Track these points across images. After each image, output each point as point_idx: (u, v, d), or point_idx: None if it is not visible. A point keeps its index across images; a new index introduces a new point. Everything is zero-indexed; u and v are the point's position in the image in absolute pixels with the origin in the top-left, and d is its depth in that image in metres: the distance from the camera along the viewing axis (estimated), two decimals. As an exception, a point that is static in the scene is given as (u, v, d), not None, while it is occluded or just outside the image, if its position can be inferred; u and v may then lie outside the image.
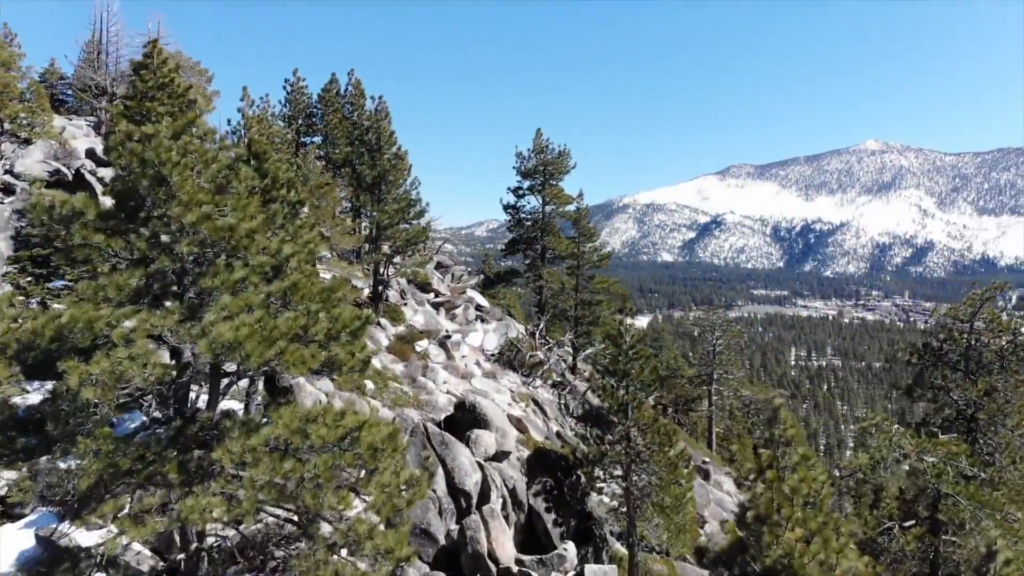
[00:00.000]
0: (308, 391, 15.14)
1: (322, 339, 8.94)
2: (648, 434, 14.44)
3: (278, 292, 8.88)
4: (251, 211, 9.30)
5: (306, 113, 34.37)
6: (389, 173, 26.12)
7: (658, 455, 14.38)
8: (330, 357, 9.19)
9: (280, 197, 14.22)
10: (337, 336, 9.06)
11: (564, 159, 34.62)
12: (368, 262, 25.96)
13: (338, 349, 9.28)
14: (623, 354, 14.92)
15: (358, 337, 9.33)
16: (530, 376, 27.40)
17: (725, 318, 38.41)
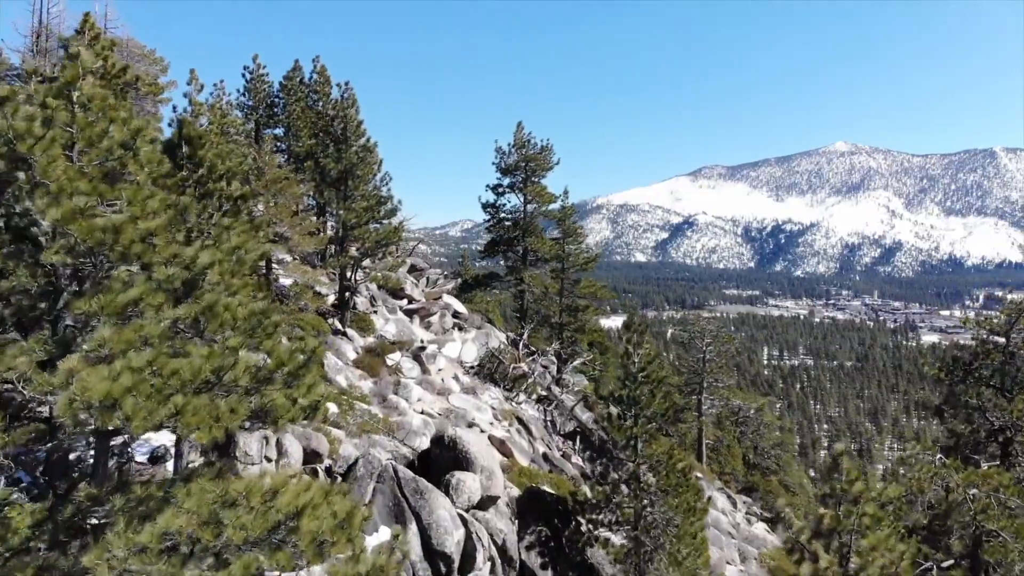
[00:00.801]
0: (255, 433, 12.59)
1: (248, 384, 6.44)
2: (662, 473, 12.18)
3: (187, 318, 6.35)
4: (153, 206, 6.75)
5: (267, 103, 31.51)
6: (357, 167, 23.52)
7: (673, 499, 12.13)
8: (262, 406, 6.69)
9: (217, 191, 11.63)
10: (270, 378, 6.56)
11: (547, 154, 32.28)
12: (333, 266, 23.35)
13: (274, 394, 6.78)
14: (631, 378, 12.63)
15: (301, 378, 6.84)
16: (513, 390, 25.02)
17: (716, 324, 36.35)
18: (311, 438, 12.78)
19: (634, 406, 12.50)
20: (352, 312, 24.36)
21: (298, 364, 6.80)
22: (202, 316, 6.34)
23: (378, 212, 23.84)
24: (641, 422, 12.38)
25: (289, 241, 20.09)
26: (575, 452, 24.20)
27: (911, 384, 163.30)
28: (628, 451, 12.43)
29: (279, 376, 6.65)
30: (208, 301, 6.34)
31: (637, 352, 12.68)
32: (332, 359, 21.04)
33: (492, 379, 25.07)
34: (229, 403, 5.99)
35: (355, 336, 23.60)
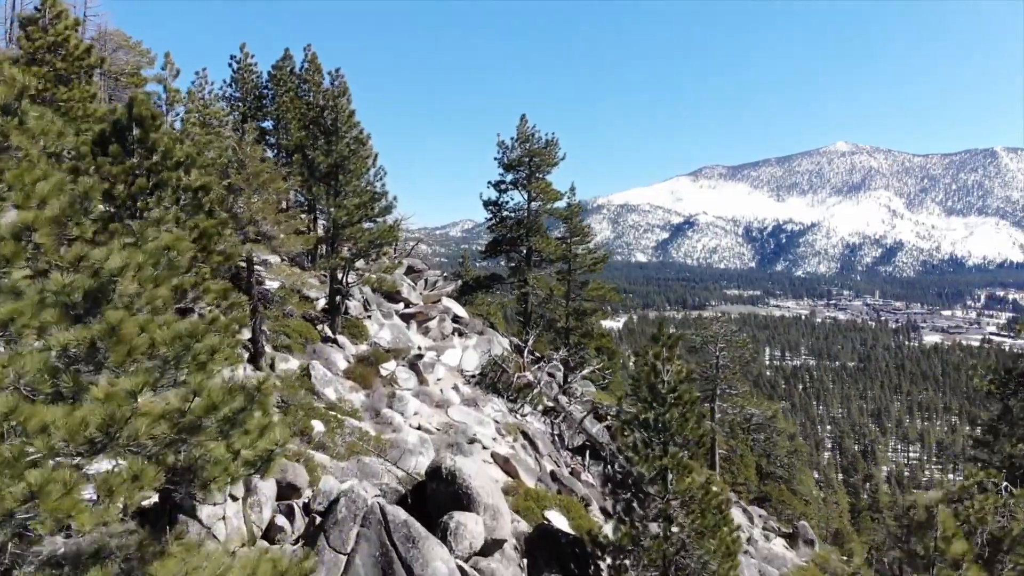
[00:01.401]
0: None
1: (168, 435, 4.62)
2: (696, 511, 10.39)
3: (79, 345, 4.53)
4: (43, 191, 4.92)
5: (255, 94, 29.73)
6: (348, 160, 21.70)
7: (710, 540, 10.34)
8: (190, 463, 4.88)
9: (172, 180, 9.82)
10: (198, 426, 4.74)
11: (552, 149, 30.48)
12: (323, 268, 21.54)
13: (208, 443, 4.97)
14: (659, 399, 10.83)
15: (241, 424, 5.02)
16: (517, 401, 23.19)
17: (730, 328, 34.55)
18: (287, 469, 10.98)
19: (663, 432, 10.71)
20: (344, 317, 22.56)
21: (238, 406, 5.00)
22: (102, 341, 4.55)
23: (371, 209, 22.03)
24: (672, 451, 10.59)
25: (273, 241, 18.26)
26: (584, 468, 22.39)
27: (914, 385, 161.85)
28: (657, 485, 10.65)
29: (212, 423, 4.84)
30: (111, 320, 4.53)
31: (667, 369, 10.90)
32: (320, 369, 19.23)
33: (495, 389, 23.25)
34: (132, 469, 4.21)
35: (346, 344, 21.79)
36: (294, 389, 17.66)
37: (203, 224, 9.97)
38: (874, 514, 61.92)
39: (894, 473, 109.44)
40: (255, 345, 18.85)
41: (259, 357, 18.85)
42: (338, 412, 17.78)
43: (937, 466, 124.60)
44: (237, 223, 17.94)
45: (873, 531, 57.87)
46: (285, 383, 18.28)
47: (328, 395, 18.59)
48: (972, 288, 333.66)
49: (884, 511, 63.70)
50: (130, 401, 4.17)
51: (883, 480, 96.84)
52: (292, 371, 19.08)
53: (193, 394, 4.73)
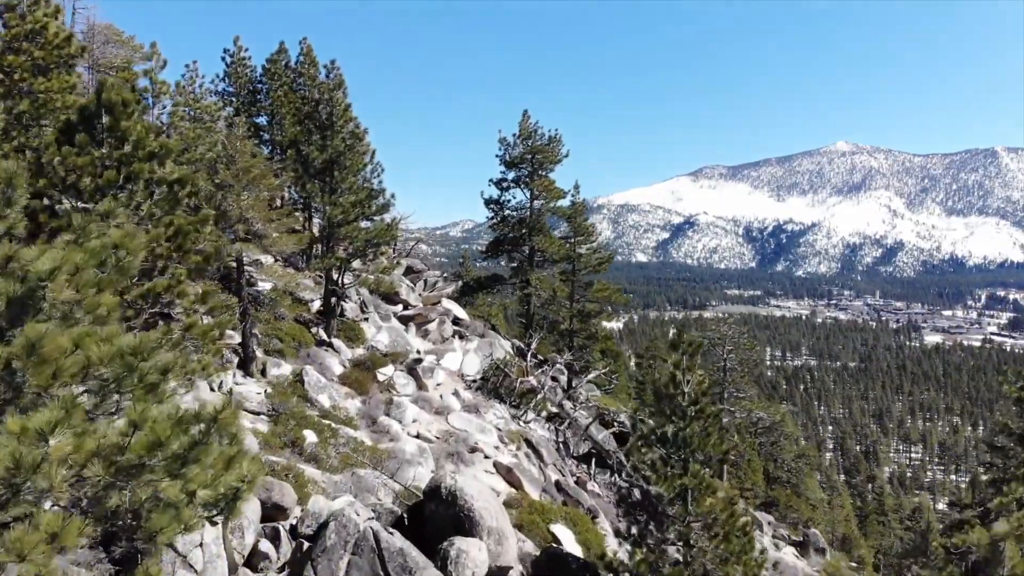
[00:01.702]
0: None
1: (103, 476, 3.71)
2: (720, 535, 9.49)
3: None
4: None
5: (249, 89, 28.80)
6: (344, 156, 20.79)
7: (735, 567, 9.44)
8: (135, 507, 3.96)
9: (144, 172, 8.91)
10: (139, 468, 3.83)
11: (555, 146, 29.57)
12: (318, 268, 20.63)
13: (161, 484, 4.06)
14: (679, 412, 9.92)
15: (195, 462, 4.10)
16: (520, 407, 22.27)
17: (738, 330, 33.65)
18: (272, 488, 10.07)
19: (684, 448, 9.80)
20: (339, 320, 21.64)
21: (190, 440, 4.08)
22: (19, 361, 3.63)
23: (368, 207, 21.13)
24: (693, 469, 9.68)
25: (264, 240, 17.35)
26: (590, 477, 21.48)
27: (915, 385, 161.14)
28: (677, 506, 9.74)
29: (159, 462, 3.93)
30: (31, 336, 3.62)
31: (687, 379, 9.99)
32: (314, 375, 18.32)
33: (497, 395, 22.34)
34: (48, 526, 3.31)
35: (342, 347, 20.87)
36: (286, 396, 16.76)
37: (179, 221, 9.05)
38: (880, 517, 61.06)
39: (896, 474, 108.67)
40: (245, 350, 17.95)
41: (249, 362, 17.96)
42: (332, 420, 16.88)
43: (939, 467, 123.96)
44: (226, 221, 17.05)
45: (880, 535, 56.97)
46: (276, 390, 17.37)
47: (322, 402, 17.69)
48: (973, 288, 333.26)
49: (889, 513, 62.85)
50: (38, 443, 3.27)
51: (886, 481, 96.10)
52: (284, 377, 18.19)
53: (133, 427, 3.82)
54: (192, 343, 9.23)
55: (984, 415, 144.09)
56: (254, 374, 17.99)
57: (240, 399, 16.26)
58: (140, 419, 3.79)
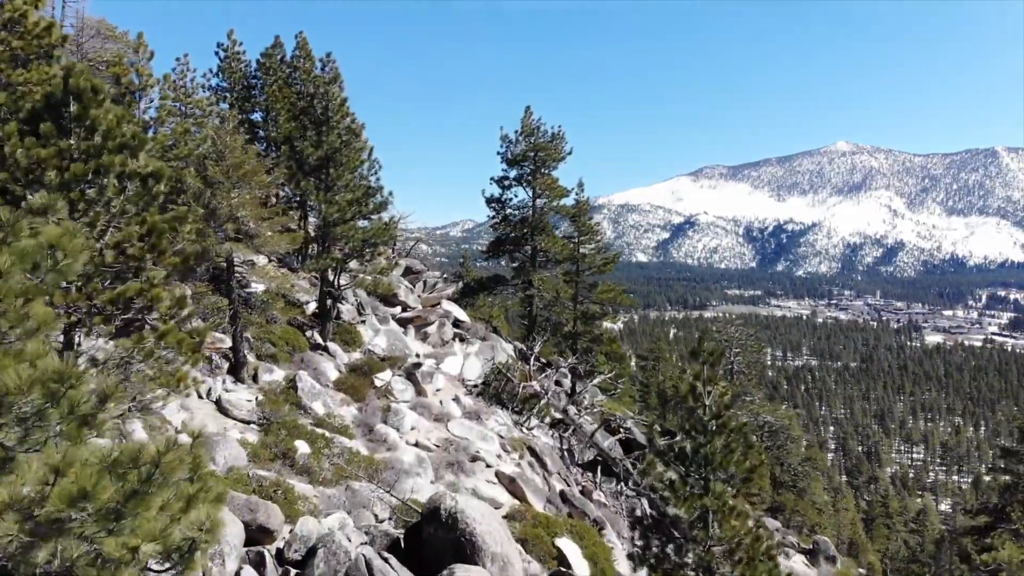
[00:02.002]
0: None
1: (17, 536, 2.90)
2: (744, 560, 8.69)
3: None
4: None
5: (243, 84, 27.97)
6: (340, 152, 19.98)
7: (762, 595, 8.63)
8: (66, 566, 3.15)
9: (114, 165, 8.09)
10: (60, 522, 3.02)
11: (558, 143, 28.75)
12: (313, 269, 19.82)
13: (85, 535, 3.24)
14: (699, 427, 9.11)
15: (134, 515, 3.28)
16: (523, 413, 21.46)
17: (745, 332, 32.85)
18: (257, 509, 9.26)
19: (705, 466, 9.00)
20: (335, 323, 20.83)
21: (127, 490, 3.27)
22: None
23: (365, 205, 20.32)
24: (716, 490, 8.87)
25: (255, 239, 16.53)
26: (596, 486, 20.67)
27: (917, 385, 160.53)
28: (697, 530, 8.93)
29: (88, 516, 3.12)
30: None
31: (708, 391, 9.20)
32: (308, 381, 17.50)
33: (499, 400, 21.52)
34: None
35: (338, 351, 20.05)
36: (277, 404, 15.95)
37: (153, 219, 8.24)
38: (885, 520, 60.26)
39: (899, 475, 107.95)
40: (236, 354, 17.15)
41: (240, 367, 17.14)
42: (326, 429, 16.07)
43: (941, 467, 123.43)
44: (215, 220, 16.24)
45: (886, 538, 56.17)
46: (268, 397, 16.57)
47: (316, 410, 16.88)
48: (973, 288, 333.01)
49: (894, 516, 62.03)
50: None
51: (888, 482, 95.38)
52: (277, 383, 17.38)
53: (55, 473, 3.01)
54: (168, 353, 8.42)
55: (986, 415, 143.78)
56: (245, 380, 17.19)
57: (229, 407, 15.47)
58: (63, 464, 2.98)
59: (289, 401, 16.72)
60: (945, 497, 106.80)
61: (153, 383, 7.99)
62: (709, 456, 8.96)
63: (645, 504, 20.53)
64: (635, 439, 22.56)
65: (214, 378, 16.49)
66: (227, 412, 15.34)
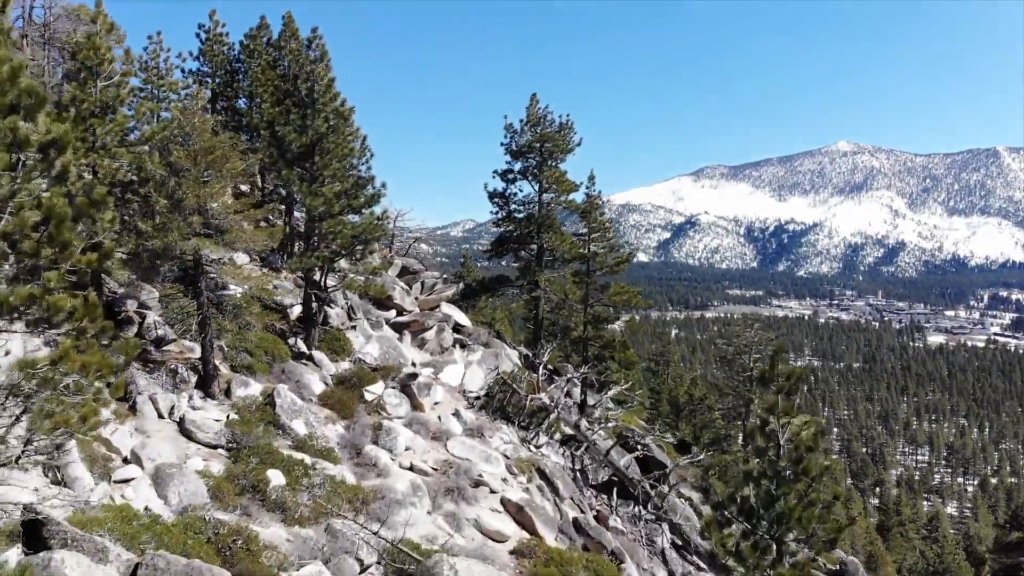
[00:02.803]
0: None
1: None
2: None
3: None
4: None
5: (226, 69, 25.85)
6: (326, 138, 17.85)
7: None
8: None
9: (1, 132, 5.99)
10: None
11: (566, 134, 26.63)
12: (297, 268, 17.69)
13: None
14: (770, 472, 7.02)
15: None
16: (530, 428, 19.35)
17: (765, 336, 30.72)
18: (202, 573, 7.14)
19: (779, 524, 6.93)
20: (321, 329, 18.70)
21: None
22: None
23: (355, 198, 18.21)
24: (790, 554, 6.79)
25: (226, 235, 14.42)
26: (612, 510, 18.56)
27: (920, 386, 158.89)
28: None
29: None
30: None
31: (784, 425, 7.12)
32: (288, 396, 15.37)
33: (504, 414, 19.41)
34: None
35: (324, 361, 17.92)
36: (251, 425, 13.83)
37: (52, 202, 6.13)
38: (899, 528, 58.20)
39: (904, 477, 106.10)
40: (205, 366, 15.03)
41: (210, 382, 15.03)
42: (307, 453, 13.97)
43: (947, 469, 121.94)
44: (180, 212, 14.14)
45: (902, 549, 54.07)
46: (242, 415, 14.45)
47: (296, 429, 14.76)
48: (975, 288, 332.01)
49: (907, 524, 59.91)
50: None
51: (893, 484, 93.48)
52: (253, 398, 15.27)
53: None
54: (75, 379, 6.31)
55: (990, 417, 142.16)
56: (216, 395, 15.08)
57: (194, 429, 13.35)
58: None
59: (265, 419, 14.61)
60: (951, 499, 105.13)
61: (48, 422, 5.88)
62: (785, 512, 6.86)
63: (666, 530, 18.46)
64: (653, 457, 20.45)
65: (179, 394, 14.39)
66: (191, 435, 13.23)
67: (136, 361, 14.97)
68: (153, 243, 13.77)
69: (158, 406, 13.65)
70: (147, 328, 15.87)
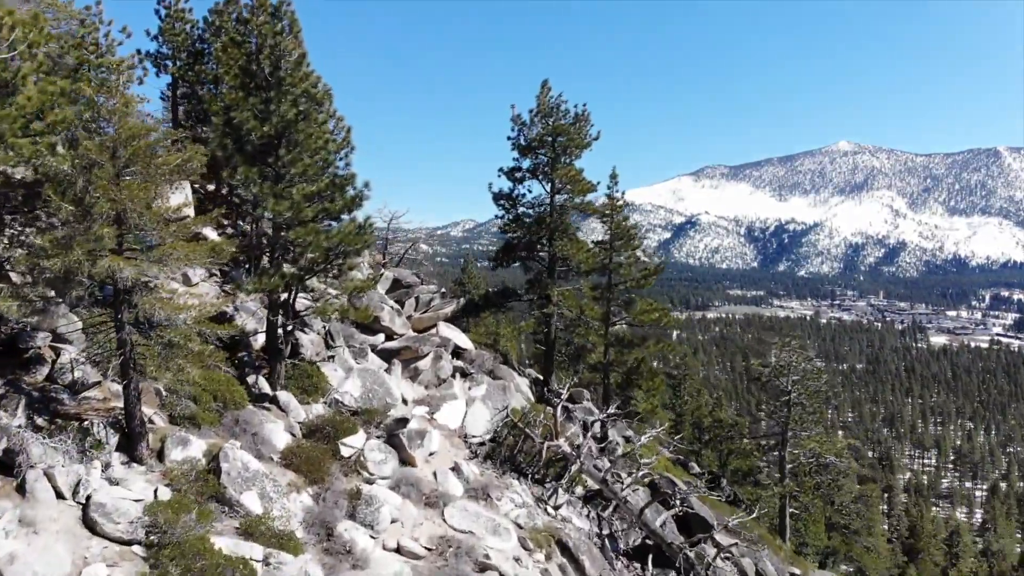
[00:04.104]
0: None
1: None
2: None
3: None
4: None
5: (189, 51, 22.29)
6: (294, 127, 14.30)
7: None
8: None
9: None
10: None
11: (582, 126, 23.08)
12: (257, 289, 14.13)
13: None
14: None
15: None
16: (547, 482, 15.79)
17: (803, 355, 27.19)
18: None
19: None
20: (291, 362, 15.13)
21: None
22: None
23: (331, 201, 14.65)
24: None
25: (153, 251, 10.85)
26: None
27: (925, 388, 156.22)
28: None
29: None
30: None
31: None
32: (239, 460, 11.79)
33: (514, 464, 15.85)
34: None
35: (291, 404, 14.34)
36: (183, 506, 10.25)
37: None
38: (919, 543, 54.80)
39: (912, 483, 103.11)
40: (130, 422, 11.46)
41: (136, 442, 11.46)
42: (258, 540, 10.44)
43: (955, 473, 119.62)
44: (89, 221, 10.58)
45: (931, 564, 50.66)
46: (176, 486, 10.88)
47: (247, 505, 11.20)
48: (976, 288, 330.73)
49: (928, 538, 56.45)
50: None
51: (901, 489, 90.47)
52: (194, 461, 11.70)
53: None
54: None
55: (996, 419, 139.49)
56: (144, 459, 11.51)
57: (100, 518, 9.78)
58: None
59: (207, 493, 11.07)
60: (960, 504, 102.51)
61: None
62: None
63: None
64: (695, 513, 16.90)
65: (89, 463, 10.81)
66: (96, 526, 9.67)
67: (41, 416, 11.44)
68: (51, 263, 10.22)
69: (56, 483, 10.09)
70: (60, 370, 12.34)
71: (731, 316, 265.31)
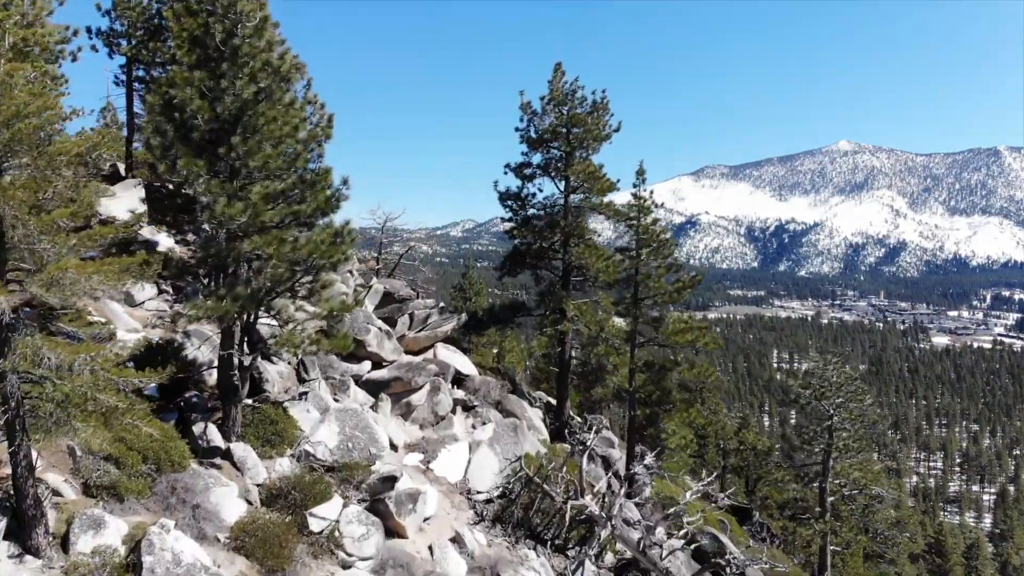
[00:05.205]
0: None
1: None
2: None
3: None
4: None
5: (146, 27, 19.25)
6: (252, 109, 11.21)
7: None
8: None
9: None
10: None
11: (600, 115, 20.04)
12: (204, 314, 11.09)
13: None
14: None
15: None
16: (569, 548, 12.73)
17: (847, 376, 24.14)
18: None
19: None
20: (250, 404, 12.06)
21: None
22: None
23: (301, 202, 11.58)
24: None
25: (41, 273, 7.80)
26: None
27: (929, 389, 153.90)
28: None
29: None
30: None
31: None
32: (169, 548, 8.69)
33: (529, 528, 12.79)
34: None
35: (248, 460, 11.23)
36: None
37: None
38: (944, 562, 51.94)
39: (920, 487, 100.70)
40: (20, 501, 8.41)
41: (32, 527, 8.40)
42: None
43: (962, 476, 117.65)
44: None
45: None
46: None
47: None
48: (977, 288, 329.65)
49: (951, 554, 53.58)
50: None
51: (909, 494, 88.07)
52: (107, 552, 8.63)
53: None
54: None
55: (1002, 421, 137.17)
56: (40, 550, 8.46)
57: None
58: None
59: (120, 600, 8.00)
60: (969, 508, 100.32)
61: None
62: None
63: None
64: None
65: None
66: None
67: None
68: None
69: None
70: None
71: (732, 316, 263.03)
